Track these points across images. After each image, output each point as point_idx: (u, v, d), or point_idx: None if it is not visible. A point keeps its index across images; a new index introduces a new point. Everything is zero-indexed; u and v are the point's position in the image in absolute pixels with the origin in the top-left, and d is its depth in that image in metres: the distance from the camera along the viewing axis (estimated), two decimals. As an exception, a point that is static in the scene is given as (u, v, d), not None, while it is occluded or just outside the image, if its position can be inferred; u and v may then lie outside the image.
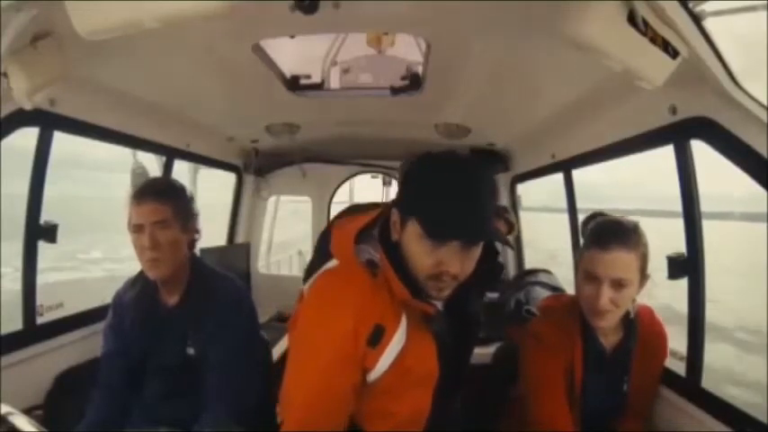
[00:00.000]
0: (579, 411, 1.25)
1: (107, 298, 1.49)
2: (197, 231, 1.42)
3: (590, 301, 1.18)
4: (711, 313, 1.32)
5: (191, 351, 1.34)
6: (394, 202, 0.93)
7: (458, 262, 0.85)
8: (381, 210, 0.97)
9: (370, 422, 0.95)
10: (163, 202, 1.30)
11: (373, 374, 0.89)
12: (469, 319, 1.05)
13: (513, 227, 2.10)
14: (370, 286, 0.89)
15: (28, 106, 1.11)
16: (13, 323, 1.49)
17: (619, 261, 1.14)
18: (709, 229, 1.32)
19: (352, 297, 0.88)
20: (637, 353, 1.27)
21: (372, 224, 0.96)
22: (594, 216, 1.30)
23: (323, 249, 0.98)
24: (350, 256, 0.92)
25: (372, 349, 0.86)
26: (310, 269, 0.99)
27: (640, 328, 1.28)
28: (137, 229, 1.29)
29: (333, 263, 0.95)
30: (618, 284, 1.15)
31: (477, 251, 0.88)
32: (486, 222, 0.85)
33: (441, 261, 0.85)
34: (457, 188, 0.84)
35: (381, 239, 0.92)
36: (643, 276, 1.19)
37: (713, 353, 1.35)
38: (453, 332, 0.99)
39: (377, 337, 0.86)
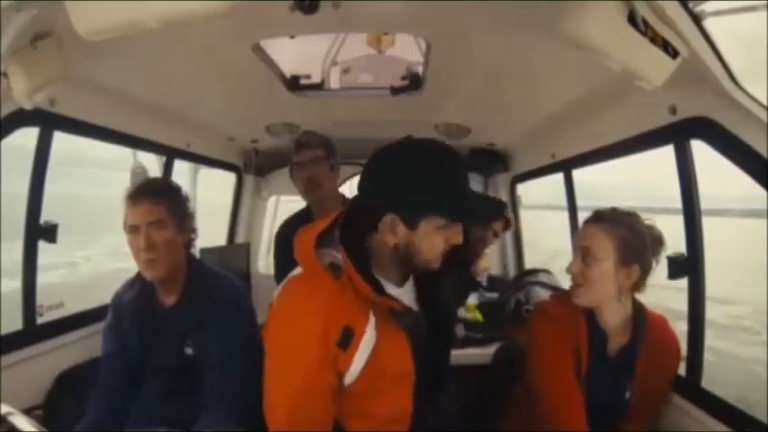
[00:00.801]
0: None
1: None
2: (194, 231, 1.42)
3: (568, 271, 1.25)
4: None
5: (189, 351, 1.34)
6: (379, 208, 0.90)
7: (460, 234, 0.92)
8: (338, 213, 0.97)
9: (352, 424, 0.94)
10: (158, 203, 1.30)
11: (349, 377, 0.88)
12: (443, 312, 1.07)
13: (509, 223, 2.13)
14: (334, 289, 0.88)
15: (28, 106, 1.11)
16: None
17: (588, 232, 1.22)
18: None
19: (318, 301, 0.87)
20: (643, 359, 1.24)
21: (331, 227, 0.95)
22: None
23: (282, 257, 0.98)
24: (312, 261, 0.91)
25: (344, 352, 0.86)
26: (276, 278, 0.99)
27: (649, 334, 1.25)
28: (132, 230, 1.28)
29: (297, 270, 0.95)
30: (585, 255, 1.20)
31: None
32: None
33: (449, 238, 0.91)
34: (460, 174, 0.92)
35: (342, 240, 0.92)
36: (623, 262, 1.18)
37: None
38: (429, 329, 0.99)
39: (347, 340, 0.86)
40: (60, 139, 1.51)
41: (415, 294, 1.02)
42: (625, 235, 1.19)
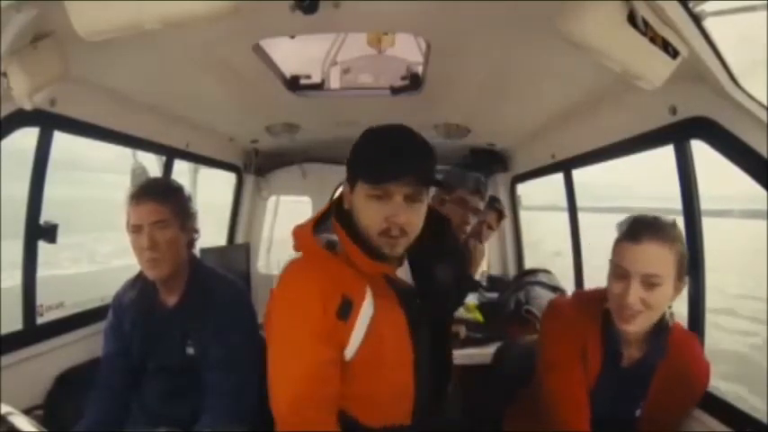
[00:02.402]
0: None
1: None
2: (196, 231, 1.42)
3: (618, 299, 1.06)
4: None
5: (190, 351, 1.34)
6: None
7: (403, 214, 0.93)
8: (330, 204, 1.06)
9: (357, 407, 0.96)
10: (161, 203, 1.30)
11: (350, 349, 0.92)
12: (440, 291, 1.07)
13: (502, 214, 2.15)
14: (332, 264, 0.95)
15: (28, 106, 1.11)
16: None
17: (651, 254, 1.03)
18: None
19: (314, 275, 0.93)
20: (661, 377, 1.13)
21: (326, 216, 1.03)
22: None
23: None
24: (309, 241, 0.98)
25: (344, 323, 0.91)
26: None
27: (673, 351, 1.13)
28: (135, 229, 1.29)
29: (294, 255, 1.01)
30: (649, 282, 1.03)
31: (420, 207, 0.96)
32: (420, 165, 0.94)
33: (388, 215, 0.93)
34: (388, 142, 0.96)
35: (337, 217, 1.00)
36: (679, 278, 1.06)
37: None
38: (428, 310, 1.03)
39: (346, 311, 0.90)
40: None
41: (413, 283, 1.05)
42: (682, 249, 1.06)
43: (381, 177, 0.92)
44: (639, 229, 1.06)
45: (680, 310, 1.30)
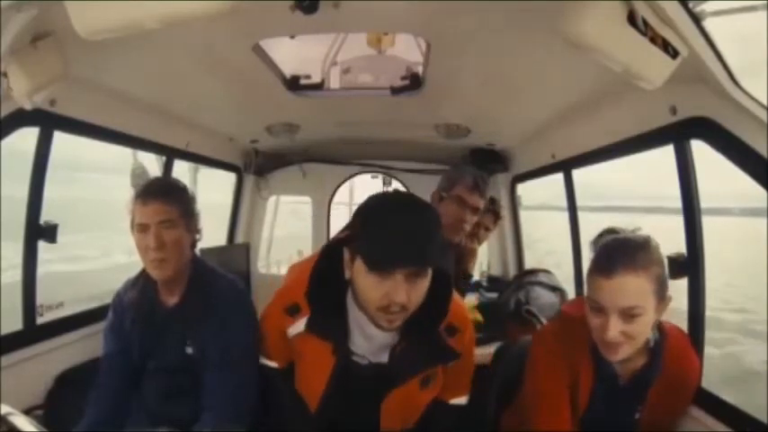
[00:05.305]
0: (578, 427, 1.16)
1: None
2: (198, 231, 1.42)
3: (598, 333, 1.03)
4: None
5: (190, 351, 1.34)
6: (346, 241, 1.03)
7: (403, 293, 0.92)
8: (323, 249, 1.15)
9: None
10: (168, 202, 1.30)
11: (290, 332, 1.14)
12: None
13: (498, 216, 2.14)
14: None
15: (28, 106, 1.12)
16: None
17: (626, 288, 0.98)
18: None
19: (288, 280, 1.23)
20: (658, 384, 1.12)
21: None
22: (603, 234, 1.12)
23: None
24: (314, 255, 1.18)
25: (290, 317, 1.13)
26: None
27: (668, 353, 1.11)
28: (142, 228, 1.28)
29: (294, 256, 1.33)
30: (628, 314, 0.99)
31: (422, 282, 0.95)
32: (422, 251, 0.93)
33: (387, 293, 0.93)
34: (393, 224, 0.94)
35: (312, 275, 1.10)
36: (660, 299, 1.02)
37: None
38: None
39: (292, 311, 1.12)
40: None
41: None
42: (658, 270, 1.02)
43: (381, 264, 0.92)
44: (610, 260, 1.01)
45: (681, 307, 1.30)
